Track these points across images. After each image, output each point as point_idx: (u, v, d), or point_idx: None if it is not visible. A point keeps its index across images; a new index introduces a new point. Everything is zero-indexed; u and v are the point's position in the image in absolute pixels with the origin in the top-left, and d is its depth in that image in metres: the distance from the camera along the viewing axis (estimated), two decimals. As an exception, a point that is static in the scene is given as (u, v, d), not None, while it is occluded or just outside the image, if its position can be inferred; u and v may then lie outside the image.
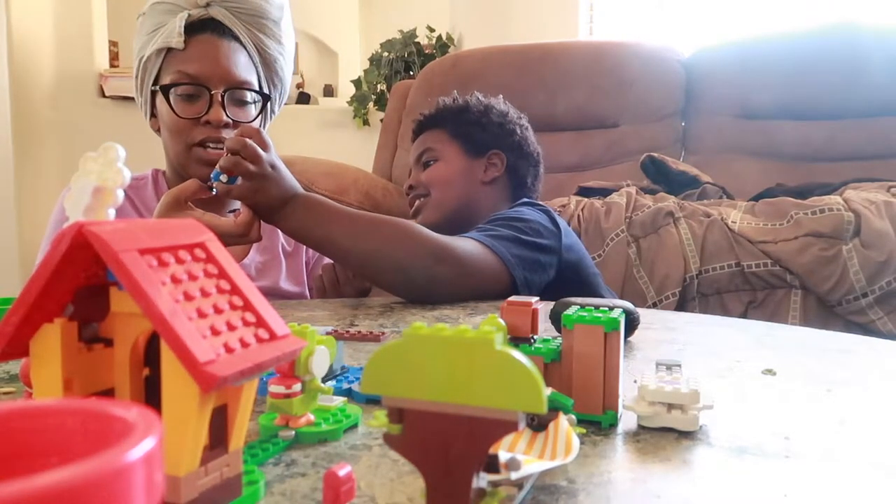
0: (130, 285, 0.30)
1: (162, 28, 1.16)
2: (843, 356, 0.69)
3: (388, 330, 0.79)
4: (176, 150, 1.18)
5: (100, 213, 0.38)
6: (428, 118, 1.39)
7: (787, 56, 2.21)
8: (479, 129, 1.33)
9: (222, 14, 1.17)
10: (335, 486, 0.33)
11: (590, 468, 0.40)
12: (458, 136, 1.33)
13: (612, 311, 0.48)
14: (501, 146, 1.34)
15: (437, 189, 1.31)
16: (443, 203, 1.31)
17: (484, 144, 1.33)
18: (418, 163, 1.36)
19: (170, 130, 1.17)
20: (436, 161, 1.33)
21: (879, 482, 0.39)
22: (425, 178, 1.33)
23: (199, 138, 1.15)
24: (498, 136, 1.34)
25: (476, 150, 1.33)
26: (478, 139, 1.33)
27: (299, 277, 1.29)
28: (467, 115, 1.35)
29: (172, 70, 1.15)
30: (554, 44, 2.52)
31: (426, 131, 1.38)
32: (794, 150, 2.16)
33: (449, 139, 1.34)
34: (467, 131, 1.33)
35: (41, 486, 0.16)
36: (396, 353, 0.32)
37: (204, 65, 1.15)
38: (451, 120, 1.35)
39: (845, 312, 1.49)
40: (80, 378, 0.33)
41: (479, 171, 1.32)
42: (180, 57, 1.15)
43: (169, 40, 1.14)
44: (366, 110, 4.17)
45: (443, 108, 1.38)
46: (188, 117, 1.15)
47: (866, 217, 1.48)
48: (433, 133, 1.37)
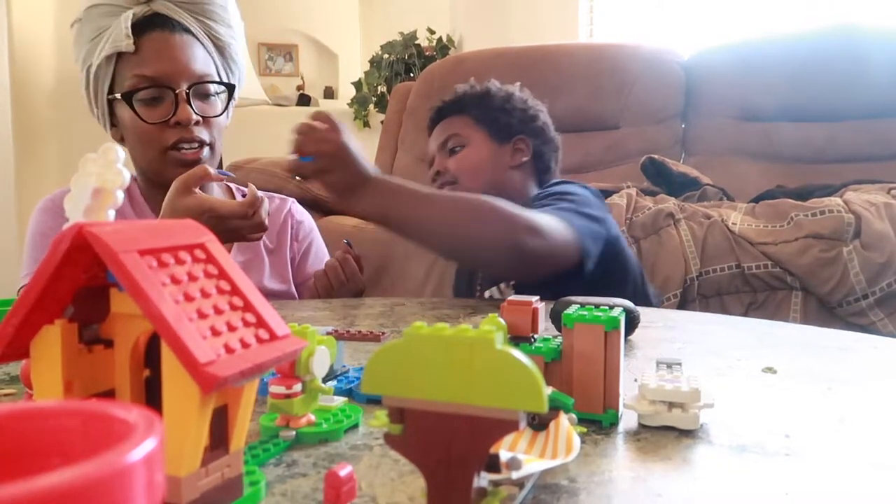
0: (130, 286, 0.30)
1: (105, 32, 1.10)
2: (843, 354, 0.69)
3: (388, 330, 0.79)
4: (148, 157, 1.13)
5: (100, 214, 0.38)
6: (449, 104, 1.37)
7: (787, 58, 2.21)
8: (505, 115, 1.32)
9: (167, 7, 1.11)
10: (336, 487, 0.33)
11: (591, 467, 0.40)
12: (484, 121, 1.32)
13: (613, 310, 0.48)
14: (526, 131, 1.32)
15: (466, 176, 1.29)
16: (472, 190, 1.27)
17: (510, 130, 1.32)
18: (443, 149, 1.34)
19: (138, 138, 1.12)
20: (462, 147, 1.31)
21: (879, 480, 0.39)
22: (454, 166, 1.30)
23: (172, 140, 1.10)
24: (522, 121, 1.33)
25: (502, 135, 1.31)
26: (504, 125, 1.31)
27: (284, 275, 1.26)
28: (491, 101, 1.33)
29: (129, 75, 1.10)
30: (554, 46, 2.53)
31: (448, 117, 1.36)
32: (795, 152, 2.15)
33: (475, 125, 1.32)
34: (493, 117, 1.32)
35: (42, 487, 0.16)
36: (397, 352, 0.32)
37: (162, 64, 1.10)
38: (474, 105, 1.34)
39: (846, 314, 1.49)
40: (81, 379, 0.33)
41: (507, 157, 1.31)
42: (134, 60, 1.09)
43: (118, 44, 1.08)
44: (366, 112, 4.17)
45: (465, 94, 1.36)
46: (156, 122, 1.10)
47: (867, 219, 1.48)
48: (457, 119, 1.34)
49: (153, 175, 1.15)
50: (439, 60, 2.91)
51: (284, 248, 1.28)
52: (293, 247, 1.30)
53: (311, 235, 1.33)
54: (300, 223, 1.32)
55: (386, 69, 4.02)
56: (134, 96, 1.10)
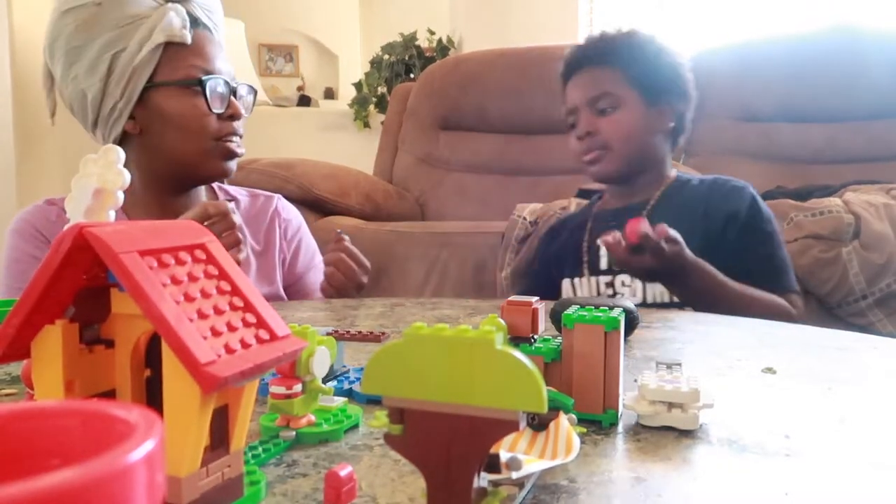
0: (131, 287, 0.30)
1: (140, 20, 1.08)
2: (842, 354, 0.69)
3: (388, 330, 0.79)
4: (193, 147, 1.11)
5: (100, 214, 0.38)
6: (599, 51, 1.29)
7: (787, 59, 2.21)
8: (656, 74, 1.28)
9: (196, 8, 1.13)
10: (336, 487, 0.33)
11: (590, 467, 0.40)
12: (637, 81, 1.26)
13: (612, 311, 0.48)
14: (673, 93, 1.29)
15: (619, 143, 1.25)
16: (624, 157, 1.26)
17: (660, 92, 1.28)
18: (591, 106, 1.27)
19: (187, 127, 1.10)
20: (615, 109, 1.26)
21: (879, 480, 0.39)
22: (608, 130, 1.26)
23: (223, 132, 1.11)
24: (671, 80, 1.29)
25: (653, 98, 1.27)
26: (655, 87, 1.27)
27: (271, 277, 1.23)
28: (644, 56, 1.28)
29: (182, 65, 1.09)
30: (554, 46, 2.52)
31: (593, 66, 1.29)
32: (794, 153, 2.15)
33: (627, 84, 1.26)
34: (646, 76, 1.27)
35: (43, 487, 0.16)
36: (397, 353, 0.32)
37: (215, 59, 1.12)
38: (626, 59, 1.27)
39: (845, 314, 1.49)
40: (82, 379, 0.33)
41: (655, 121, 1.28)
42: (186, 52, 1.10)
43: (172, 34, 1.07)
44: (366, 113, 4.17)
45: (616, 44, 1.29)
46: (221, 111, 1.11)
47: (866, 219, 1.48)
48: (606, 72, 1.28)
49: (188, 169, 1.13)
50: (439, 61, 2.91)
51: (273, 249, 1.25)
52: (283, 247, 1.27)
53: (300, 232, 1.31)
54: (288, 221, 1.29)
55: (386, 70, 4.02)
56: (191, 87, 1.10)
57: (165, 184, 1.15)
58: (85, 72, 1.08)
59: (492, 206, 2.32)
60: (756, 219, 1.22)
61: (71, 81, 1.11)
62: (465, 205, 2.42)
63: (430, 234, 1.95)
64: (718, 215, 1.20)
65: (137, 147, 1.14)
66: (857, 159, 2.07)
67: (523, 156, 2.48)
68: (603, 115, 1.26)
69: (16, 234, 1.14)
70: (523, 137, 2.49)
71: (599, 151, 1.26)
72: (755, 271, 1.15)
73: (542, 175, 2.41)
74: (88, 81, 1.09)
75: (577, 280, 1.29)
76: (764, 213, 1.23)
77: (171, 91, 1.10)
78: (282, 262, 1.27)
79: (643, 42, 1.29)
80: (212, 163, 1.12)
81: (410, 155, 2.62)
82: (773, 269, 1.19)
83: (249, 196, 1.29)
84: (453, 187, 2.50)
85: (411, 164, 2.60)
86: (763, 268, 1.18)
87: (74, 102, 1.13)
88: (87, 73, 1.08)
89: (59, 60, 1.10)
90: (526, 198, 2.06)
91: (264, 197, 1.30)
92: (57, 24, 1.09)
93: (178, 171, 1.14)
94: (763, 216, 1.23)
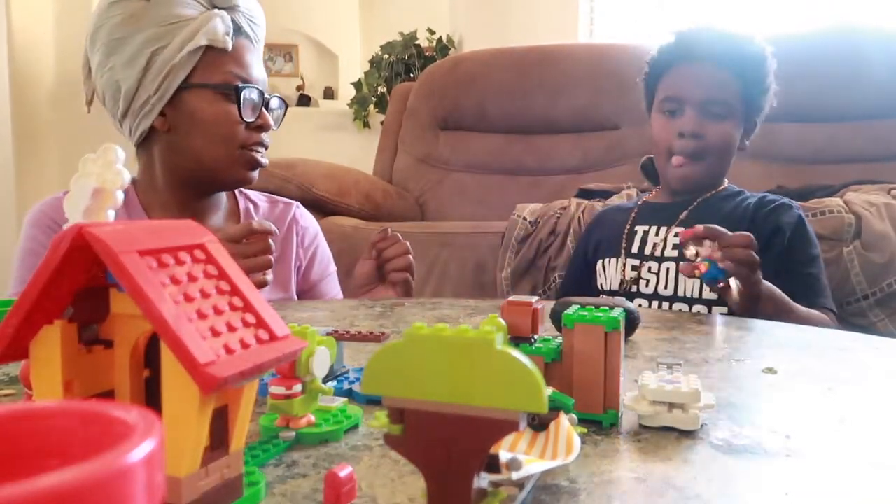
0: (130, 287, 0.30)
1: (184, 22, 1.09)
2: (843, 354, 0.69)
3: (388, 330, 0.79)
4: (220, 153, 1.12)
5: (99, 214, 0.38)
6: (726, 52, 1.25)
7: (787, 58, 2.20)
8: (761, 98, 1.27)
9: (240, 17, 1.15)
10: (336, 487, 0.33)
11: (591, 468, 0.40)
12: (747, 99, 1.25)
13: (613, 311, 0.48)
14: (761, 114, 1.30)
15: (717, 153, 1.25)
16: (716, 168, 1.26)
17: (756, 112, 1.28)
18: (705, 107, 1.23)
19: (216, 132, 1.11)
20: (724, 119, 1.24)
21: (879, 480, 0.39)
22: (714, 140, 1.23)
23: (251, 141, 1.13)
24: (764, 104, 1.29)
25: (749, 116, 1.28)
26: (756, 108, 1.27)
27: (286, 284, 1.24)
28: (761, 76, 1.26)
29: (221, 70, 1.11)
30: (554, 46, 2.53)
31: (719, 67, 1.24)
32: (795, 153, 2.15)
33: (740, 97, 1.24)
34: (755, 95, 1.26)
35: (42, 488, 0.16)
36: (397, 353, 0.32)
37: (253, 68, 1.14)
38: (747, 73, 1.25)
39: (846, 314, 1.49)
40: (81, 380, 0.33)
41: (742, 140, 1.29)
42: (226, 58, 1.11)
43: (214, 39, 1.09)
44: (366, 112, 4.17)
45: (743, 52, 1.26)
46: (251, 120, 1.12)
47: (867, 219, 1.48)
48: (727, 77, 1.24)
49: (211, 174, 1.14)
50: (439, 61, 2.91)
51: (290, 256, 1.26)
52: (299, 254, 1.27)
53: (317, 241, 1.31)
54: (305, 229, 1.30)
55: (386, 69, 4.03)
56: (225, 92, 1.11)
57: (187, 184, 1.16)
58: (123, 64, 1.10)
59: (492, 206, 2.32)
60: (802, 238, 1.21)
61: (107, 71, 1.12)
62: (464, 205, 2.42)
63: (429, 234, 1.94)
64: (765, 228, 1.19)
65: (163, 145, 1.15)
66: (858, 159, 2.07)
67: (523, 155, 2.48)
68: (712, 119, 1.23)
69: (32, 224, 1.15)
70: (523, 137, 2.49)
71: (696, 156, 1.24)
72: (798, 290, 1.14)
73: (542, 175, 2.41)
74: (125, 73, 1.10)
75: (608, 260, 1.30)
76: (810, 235, 1.23)
77: (206, 94, 1.11)
78: (297, 270, 1.27)
79: (763, 59, 1.27)
80: (235, 170, 1.13)
81: (410, 155, 2.62)
82: (813, 289, 1.18)
83: (268, 202, 1.30)
84: (453, 187, 2.50)
85: (411, 163, 2.60)
86: (805, 287, 1.17)
87: (107, 92, 1.14)
88: (124, 65, 1.10)
89: (98, 49, 1.12)
90: (526, 198, 2.06)
91: (283, 204, 1.31)
92: (103, 13, 1.11)
93: (201, 173, 1.14)
94: (809, 237, 1.22)
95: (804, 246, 1.21)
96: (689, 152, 1.23)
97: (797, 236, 1.21)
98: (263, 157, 1.16)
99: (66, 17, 3.73)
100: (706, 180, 1.27)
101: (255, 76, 1.14)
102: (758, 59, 1.26)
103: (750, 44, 1.27)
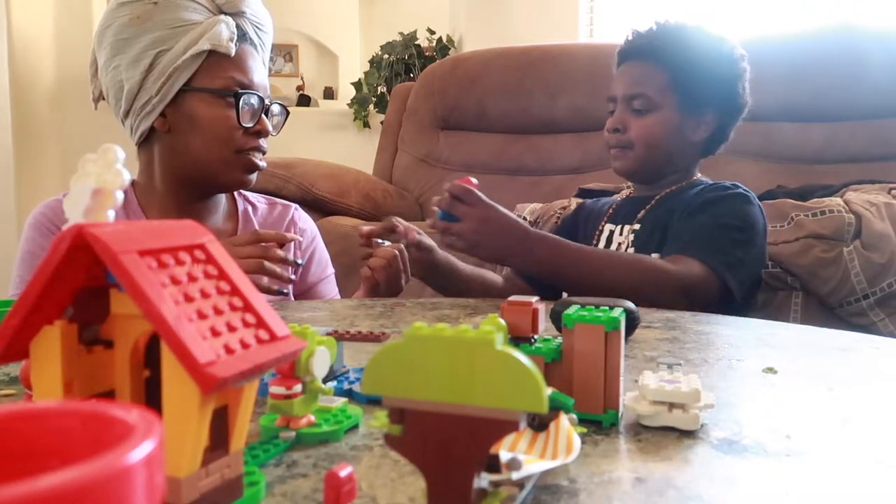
0: (130, 287, 0.30)
1: (190, 26, 1.10)
2: (844, 355, 0.69)
3: (388, 330, 0.79)
4: (217, 156, 1.13)
5: (99, 214, 0.37)
6: (648, 46, 1.26)
7: (787, 58, 2.21)
8: (702, 85, 1.22)
9: (248, 25, 1.16)
10: (336, 487, 0.33)
11: (591, 468, 0.40)
12: (680, 87, 1.22)
13: (613, 311, 0.48)
14: (718, 104, 1.24)
15: (643, 146, 1.23)
16: (646, 159, 1.25)
17: (701, 102, 1.23)
18: (628, 103, 1.25)
19: (213, 135, 1.13)
20: (649, 112, 1.23)
21: (881, 480, 0.39)
22: (635, 131, 1.23)
23: (248, 146, 1.14)
24: (719, 92, 1.24)
25: (692, 107, 1.23)
26: (698, 95, 1.23)
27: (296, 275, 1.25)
28: (694, 60, 1.22)
29: (222, 75, 1.12)
30: (554, 46, 2.53)
31: (642, 62, 1.26)
32: (795, 152, 2.15)
33: (668, 88, 1.23)
34: (688, 85, 1.22)
35: (42, 488, 0.16)
36: (397, 353, 0.32)
37: (255, 74, 1.15)
38: (674, 61, 1.23)
39: (846, 314, 1.49)
40: (81, 380, 0.33)
41: (689, 130, 1.24)
42: (228, 63, 1.12)
43: (217, 44, 1.10)
44: (366, 112, 4.17)
45: (668, 41, 1.24)
46: (249, 125, 1.13)
47: (867, 219, 1.48)
48: (651, 70, 1.24)
49: (208, 176, 1.15)
50: (439, 61, 2.91)
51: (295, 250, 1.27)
52: (296, 256, 1.27)
53: (314, 243, 1.32)
54: (303, 231, 1.31)
55: (386, 69, 4.03)
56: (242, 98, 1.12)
57: (185, 185, 1.17)
58: (127, 63, 1.11)
59: (492, 205, 2.32)
60: (721, 201, 1.17)
61: (112, 70, 1.13)
62: (465, 204, 2.42)
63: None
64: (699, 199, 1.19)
65: (162, 145, 1.16)
66: (858, 158, 2.07)
67: (523, 155, 2.48)
68: (637, 114, 1.24)
69: (33, 227, 1.17)
70: (523, 137, 2.49)
71: (623, 149, 1.26)
72: (677, 236, 1.13)
73: (543, 175, 2.41)
74: (129, 73, 1.11)
75: None
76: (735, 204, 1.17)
77: (206, 97, 1.13)
78: (294, 272, 1.27)
79: (698, 43, 1.24)
80: (231, 173, 1.15)
81: (410, 155, 2.61)
82: (694, 240, 1.12)
83: (267, 204, 1.32)
84: (453, 187, 2.49)
85: (411, 163, 2.60)
86: (684, 234, 1.13)
87: (111, 90, 1.16)
88: (129, 65, 1.11)
89: (105, 48, 1.13)
90: (526, 198, 2.06)
91: (282, 206, 1.32)
92: (112, 13, 1.12)
93: (198, 175, 1.16)
94: (732, 204, 1.17)
95: (716, 207, 1.16)
96: (613, 144, 1.27)
97: (718, 199, 1.17)
98: (261, 161, 1.17)
99: (65, 17, 3.73)
100: (640, 170, 1.27)
101: (258, 82, 1.16)
102: (689, 44, 1.24)
103: (680, 33, 1.26)
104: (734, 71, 1.26)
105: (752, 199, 1.19)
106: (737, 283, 1.09)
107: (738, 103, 1.28)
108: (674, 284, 1.04)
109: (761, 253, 1.19)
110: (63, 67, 3.72)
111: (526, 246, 1.05)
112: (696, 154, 1.29)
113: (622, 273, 1.05)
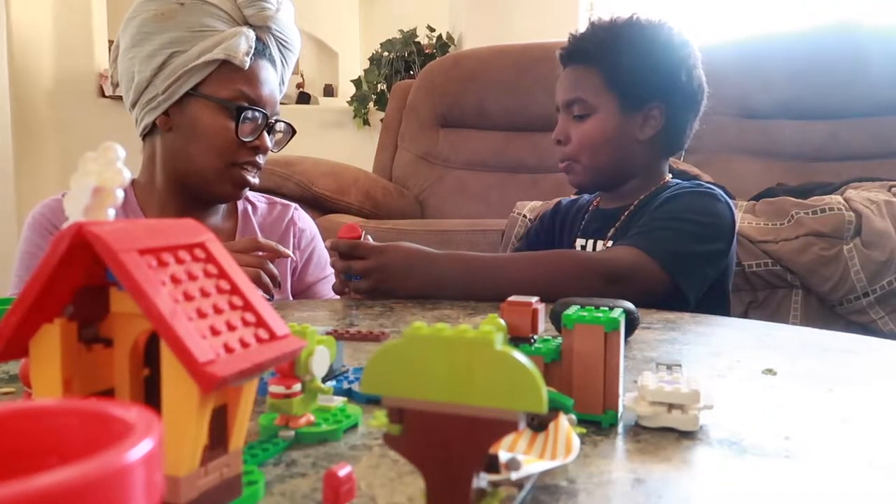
0: (130, 285, 0.30)
1: (211, 33, 1.11)
2: (844, 356, 0.69)
3: (388, 330, 0.79)
4: (211, 165, 1.13)
5: (99, 213, 0.37)
6: (580, 49, 1.21)
7: (788, 55, 2.21)
8: (640, 79, 1.17)
9: (270, 40, 1.17)
10: (335, 487, 0.33)
11: (590, 468, 0.40)
12: (615, 86, 1.17)
13: (613, 311, 0.48)
14: (662, 95, 1.18)
15: (586, 155, 1.18)
16: (594, 168, 1.19)
17: (643, 97, 1.17)
18: (568, 110, 1.20)
19: (211, 144, 1.13)
20: (588, 116, 1.18)
21: (880, 482, 0.39)
22: (575, 140, 1.19)
23: (242, 160, 1.14)
24: (659, 83, 1.18)
25: (634, 104, 1.17)
26: (637, 91, 1.17)
27: (282, 285, 1.23)
28: (628, 54, 1.17)
29: (231, 86, 1.12)
30: (554, 43, 2.50)
31: (577, 66, 1.21)
32: (795, 150, 2.16)
33: (604, 89, 1.18)
34: (625, 82, 1.17)
35: (41, 486, 0.16)
36: (396, 353, 0.32)
37: (264, 90, 1.15)
38: (606, 59, 1.18)
39: (846, 312, 1.49)
40: (80, 378, 0.33)
41: (636, 129, 1.18)
42: (240, 76, 1.13)
43: (233, 56, 1.10)
44: (366, 110, 4.17)
45: (598, 40, 1.20)
46: (248, 139, 1.13)
47: (867, 217, 1.48)
48: (585, 73, 1.20)
49: (202, 183, 1.15)
50: (439, 58, 2.91)
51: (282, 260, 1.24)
52: (295, 255, 1.27)
53: (314, 243, 1.32)
54: (302, 231, 1.31)
55: (386, 67, 4.02)
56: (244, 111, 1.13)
57: (182, 186, 1.18)
58: (143, 57, 1.13)
59: (492, 203, 2.32)
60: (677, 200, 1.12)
61: (128, 60, 1.15)
62: (464, 202, 2.42)
63: (429, 231, 1.94)
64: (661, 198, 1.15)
65: (163, 143, 1.17)
66: (859, 156, 2.07)
67: (523, 153, 2.48)
68: (578, 120, 1.19)
69: (31, 228, 1.17)
70: (523, 135, 2.49)
71: (570, 162, 1.21)
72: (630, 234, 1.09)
73: (542, 172, 2.41)
74: (142, 66, 1.13)
75: None
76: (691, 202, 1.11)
77: (210, 105, 1.13)
78: (292, 271, 1.28)
79: (630, 38, 1.18)
80: (222, 184, 1.15)
81: (410, 152, 2.61)
82: (639, 234, 1.07)
83: (267, 203, 1.32)
84: (453, 185, 2.50)
85: (411, 161, 2.60)
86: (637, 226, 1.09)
87: (123, 78, 1.17)
88: (143, 59, 1.13)
89: (126, 37, 1.15)
90: (526, 195, 2.06)
91: (281, 205, 1.33)
92: (141, 5, 1.14)
93: (190, 179, 1.17)
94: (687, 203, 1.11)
95: (674, 203, 1.11)
96: (560, 157, 1.22)
97: (679, 195, 1.13)
98: (254, 178, 1.17)
99: (65, 16, 3.72)
100: (593, 180, 1.22)
101: (267, 97, 1.16)
102: (620, 39, 1.18)
103: (610, 30, 1.21)
104: (674, 58, 1.19)
105: (720, 197, 1.13)
106: (684, 274, 1.03)
107: (687, 91, 1.20)
108: (595, 271, 1.00)
109: (722, 251, 1.11)
110: (62, 66, 3.72)
111: (433, 267, 1.03)
112: (653, 153, 1.21)
113: (538, 271, 1.02)
